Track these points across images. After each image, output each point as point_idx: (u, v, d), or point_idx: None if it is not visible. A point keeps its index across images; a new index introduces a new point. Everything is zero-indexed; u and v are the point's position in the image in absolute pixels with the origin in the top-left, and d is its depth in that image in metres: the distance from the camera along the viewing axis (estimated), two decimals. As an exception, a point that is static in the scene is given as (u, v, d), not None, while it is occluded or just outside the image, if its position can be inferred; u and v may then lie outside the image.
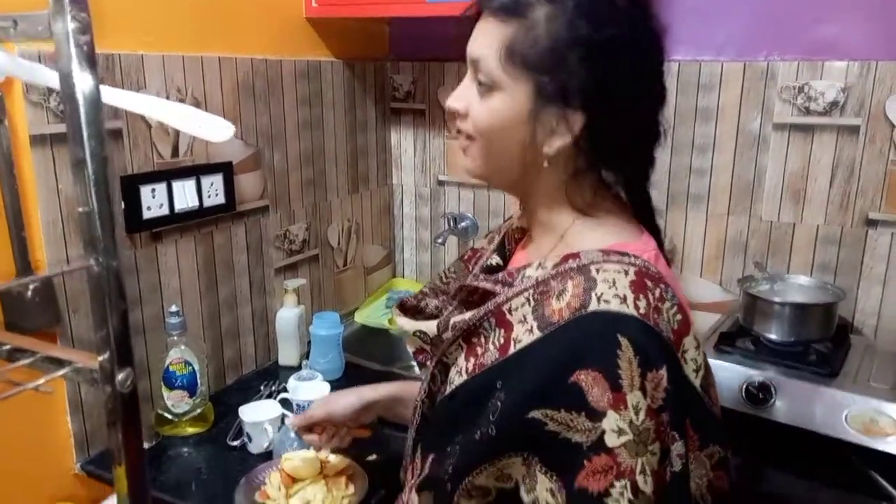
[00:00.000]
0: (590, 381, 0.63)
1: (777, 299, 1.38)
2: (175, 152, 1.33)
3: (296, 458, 1.14)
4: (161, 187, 1.29)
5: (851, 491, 1.15)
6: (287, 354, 1.59)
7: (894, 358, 1.37)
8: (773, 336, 1.36)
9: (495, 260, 0.91)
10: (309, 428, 1.06)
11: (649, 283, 0.69)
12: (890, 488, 1.15)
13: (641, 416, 0.64)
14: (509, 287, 0.75)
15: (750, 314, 1.40)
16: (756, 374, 1.28)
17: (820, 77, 1.45)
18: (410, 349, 0.92)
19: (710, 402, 0.74)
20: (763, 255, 1.58)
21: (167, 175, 1.30)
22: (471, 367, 0.75)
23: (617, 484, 0.62)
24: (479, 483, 0.70)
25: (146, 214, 1.27)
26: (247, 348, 1.56)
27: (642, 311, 0.67)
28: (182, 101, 1.33)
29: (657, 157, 0.80)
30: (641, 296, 0.67)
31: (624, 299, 0.67)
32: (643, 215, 0.83)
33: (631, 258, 0.72)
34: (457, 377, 0.77)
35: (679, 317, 0.71)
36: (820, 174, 1.49)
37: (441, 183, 1.95)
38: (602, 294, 0.67)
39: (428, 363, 0.86)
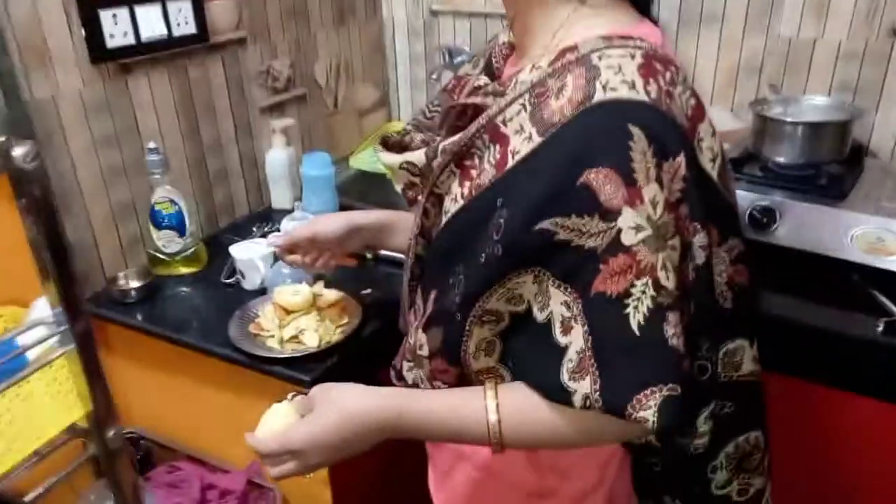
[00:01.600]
0: (601, 180, 0.58)
1: (788, 119, 1.30)
2: (135, -26, 1.21)
3: (288, 291, 1.14)
4: (123, 12, 1.19)
5: (850, 310, 1.14)
6: (280, 197, 1.55)
7: (910, 180, 1.31)
8: (782, 159, 1.29)
9: (482, 80, 0.82)
10: (292, 250, 1.02)
11: (659, 67, 0.62)
12: (890, 304, 1.14)
13: (659, 209, 0.59)
14: (500, 96, 0.68)
15: (760, 138, 1.33)
16: (761, 199, 1.23)
17: None
18: (398, 186, 0.83)
19: (728, 194, 0.70)
20: (780, 76, 1.47)
21: None
22: (466, 191, 0.69)
23: (637, 282, 0.58)
24: (490, 307, 0.66)
25: (110, 43, 1.18)
26: (237, 192, 1.52)
27: (654, 96, 0.59)
28: (135, -87, 1.19)
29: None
30: (651, 80, 0.60)
31: (632, 85, 0.59)
32: (641, 4, 0.73)
33: (636, 41, 0.64)
34: (452, 205, 0.71)
35: (693, 101, 0.64)
36: (848, -19, 1.35)
37: (434, 13, 1.80)
38: (608, 81, 0.59)
39: (419, 197, 0.79)
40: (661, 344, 0.59)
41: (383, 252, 1.34)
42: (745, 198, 1.24)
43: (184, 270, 1.30)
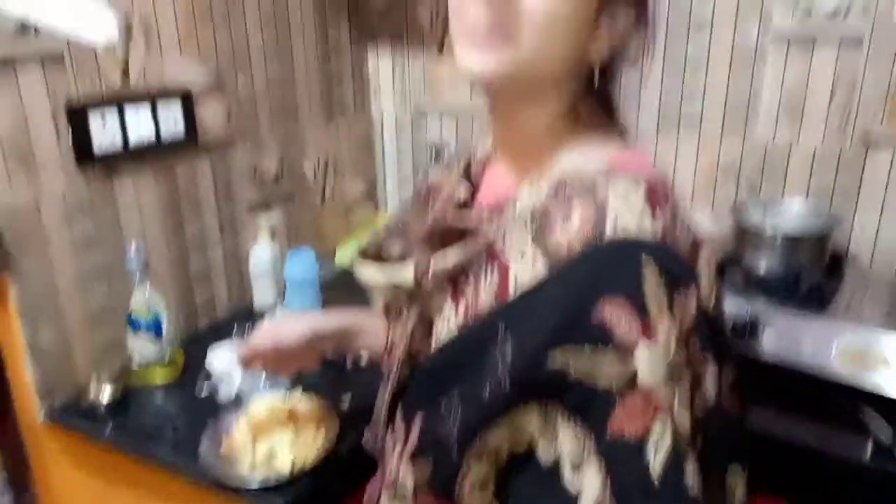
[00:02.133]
0: (615, 313, 0.56)
1: (768, 230, 1.31)
2: (125, 77, 1.23)
3: (263, 405, 1.11)
4: (112, 116, 1.20)
5: (838, 427, 1.11)
6: (262, 296, 1.53)
7: (889, 286, 1.32)
8: (763, 268, 1.30)
9: (463, 192, 0.82)
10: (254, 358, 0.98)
11: (661, 199, 0.61)
12: (879, 423, 1.12)
13: (674, 344, 0.57)
14: (499, 219, 0.67)
15: (740, 245, 1.34)
16: (743, 309, 1.23)
17: (824, -16, 1.34)
18: (379, 303, 0.81)
19: (722, 321, 0.67)
20: (757, 179, 1.50)
21: (118, 101, 1.21)
22: (461, 314, 0.67)
23: (656, 423, 0.56)
24: (491, 441, 0.63)
25: (97, 145, 1.19)
26: (219, 290, 1.50)
27: (661, 226, 0.59)
28: (129, 20, 1.22)
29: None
30: (657, 213, 0.60)
31: (641, 217, 0.59)
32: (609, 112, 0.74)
33: (636, 170, 0.64)
34: (444, 328, 0.69)
35: (687, 231, 0.64)
36: (820, 90, 1.40)
37: (422, 111, 1.84)
38: (617, 214, 0.59)
39: (404, 316, 0.76)
40: (681, 492, 0.57)
41: (364, 357, 1.32)
42: (728, 306, 1.24)
43: (158, 377, 1.27)
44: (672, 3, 1.47)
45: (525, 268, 0.62)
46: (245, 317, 1.49)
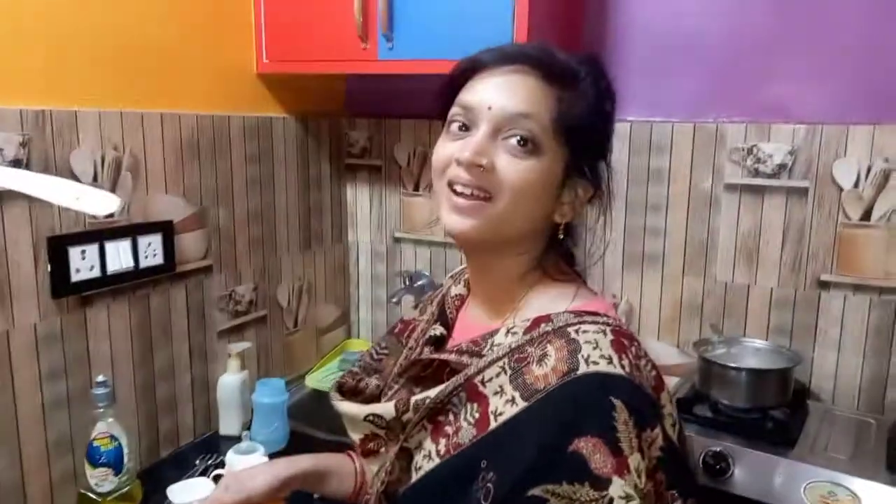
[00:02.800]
0: (590, 448, 0.61)
1: (733, 364, 1.35)
2: (110, 213, 1.27)
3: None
4: (92, 248, 1.23)
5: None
6: (228, 423, 1.50)
7: (852, 424, 1.35)
8: (729, 402, 1.33)
9: (439, 330, 0.86)
10: None
11: (626, 342, 0.69)
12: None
13: (643, 478, 0.62)
14: (477, 357, 0.72)
15: (706, 379, 1.37)
16: (713, 444, 1.24)
17: (768, 139, 1.47)
18: (356, 437, 0.82)
19: (685, 456, 0.73)
20: (719, 317, 1.56)
21: (100, 236, 1.24)
22: (443, 448, 0.71)
23: None
24: None
25: (75, 277, 1.20)
26: (185, 418, 1.47)
27: (628, 370, 0.66)
28: (119, 159, 1.28)
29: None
30: (623, 355, 0.67)
31: (609, 359, 0.66)
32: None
33: (603, 317, 0.71)
34: (425, 462, 0.72)
35: (654, 373, 0.70)
36: (772, 236, 1.49)
37: (397, 240, 1.91)
38: (588, 356, 0.65)
39: (382, 450, 0.79)
40: None
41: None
42: (698, 441, 1.25)
43: (116, 510, 1.21)
44: (632, 156, 1.58)
45: (503, 402, 0.67)
46: (210, 445, 1.45)
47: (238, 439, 1.36)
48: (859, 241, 1.41)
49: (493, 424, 0.67)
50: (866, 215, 1.40)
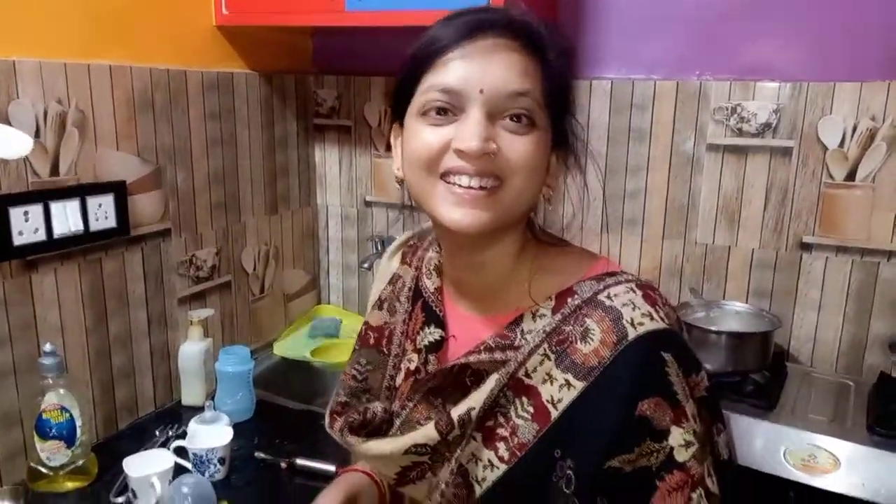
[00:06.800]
0: (653, 408, 0.63)
1: (712, 328, 1.32)
2: (55, 170, 1.18)
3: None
4: (36, 209, 1.14)
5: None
6: (191, 393, 1.44)
7: (831, 386, 1.33)
8: (709, 366, 1.30)
9: (438, 333, 0.78)
10: None
11: (652, 293, 0.69)
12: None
13: (697, 421, 0.64)
14: (512, 350, 0.69)
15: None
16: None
17: (752, 98, 1.41)
18: (390, 472, 0.76)
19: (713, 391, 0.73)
20: (699, 279, 1.52)
21: (44, 196, 1.15)
22: (505, 453, 0.68)
23: (693, 495, 0.62)
24: None
25: (18, 241, 1.12)
26: (144, 388, 1.40)
27: (667, 321, 0.66)
28: (64, 113, 1.18)
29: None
30: (657, 307, 0.67)
31: (651, 316, 0.66)
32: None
33: (621, 275, 0.71)
34: (488, 472, 0.69)
35: (675, 316, 0.70)
36: (754, 197, 1.45)
37: (368, 203, 1.84)
38: (632, 319, 0.65)
39: (428, 475, 0.73)
40: None
41: (299, 461, 1.23)
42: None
43: (69, 485, 1.15)
44: (613, 115, 1.53)
45: (557, 389, 0.66)
46: (171, 416, 1.39)
47: (201, 409, 1.30)
48: (843, 202, 1.38)
49: (554, 413, 0.66)
50: (850, 175, 1.36)
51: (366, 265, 1.72)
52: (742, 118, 1.43)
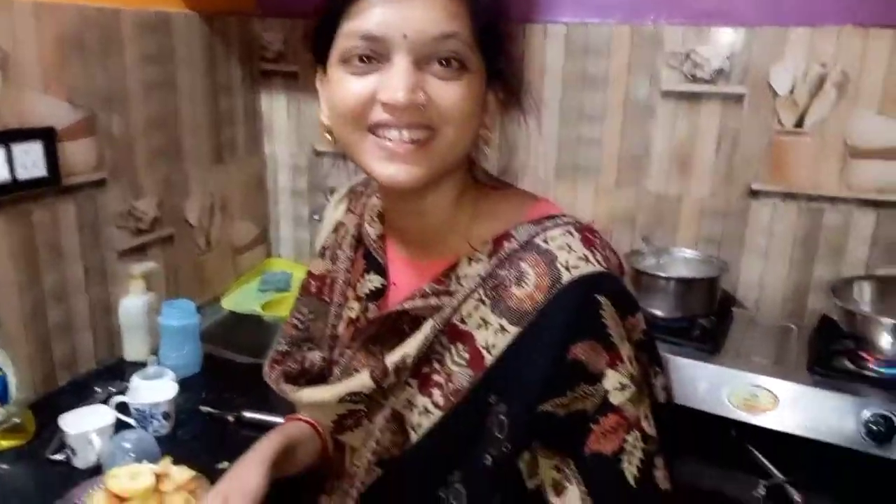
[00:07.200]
0: (587, 352, 0.62)
1: (661, 274, 1.33)
2: (-26, 114, 1.10)
3: (125, 474, 0.97)
4: (-46, 156, 1.07)
5: (732, 468, 1.12)
6: (134, 349, 1.39)
7: (775, 331, 1.36)
8: (658, 312, 1.31)
9: (378, 281, 0.77)
10: None
11: (591, 236, 0.67)
12: (767, 463, 1.13)
13: (634, 364, 0.64)
14: (447, 295, 0.68)
15: (636, 290, 1.35)
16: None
17: (706, 43, 1.40)
18: (327, 420, 0.76)
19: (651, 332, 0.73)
20: (651, 228, 1.53)
21: (-38, 141, 1.08)
22: (441, 399, 0.67)
23: (629, 437, 0.62)
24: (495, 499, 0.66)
25: (-66, 190, 1.05)
26: (83, 344, 1.35)
27: (604, 263, 0.65)
28: (-20, 51, 1.10)
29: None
30: (595, 249, 0.66)
31: (587, 259, 0.65)
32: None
33: (561, 218, 0.69)
34: (423, 418, 0.68)
35: (616, 259, 0.69)
36: (706, 145, 1.45)
37: (319, 153, 1.78)
38: (567, 261, 0.64)
39: (364, 422, 0.73)
40: (654, 491, 0.64)
41: (247, 414, 1.21)
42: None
43: (4, 444, 1.11)
44: (567, 60, 1.49)
45: (492, 333, 0.65)
46: (113, 372, 1.35)
47: (145, 365, 1.26)
48: (791, 149, 1.39)
49: (489, 359, 0.65)
50: (800, 122, 1.37)
51: (317, 216, 1.67)
52: (696, 64, 1.41)
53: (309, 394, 0.75)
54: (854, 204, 1.36)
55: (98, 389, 1.26)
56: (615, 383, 0.62)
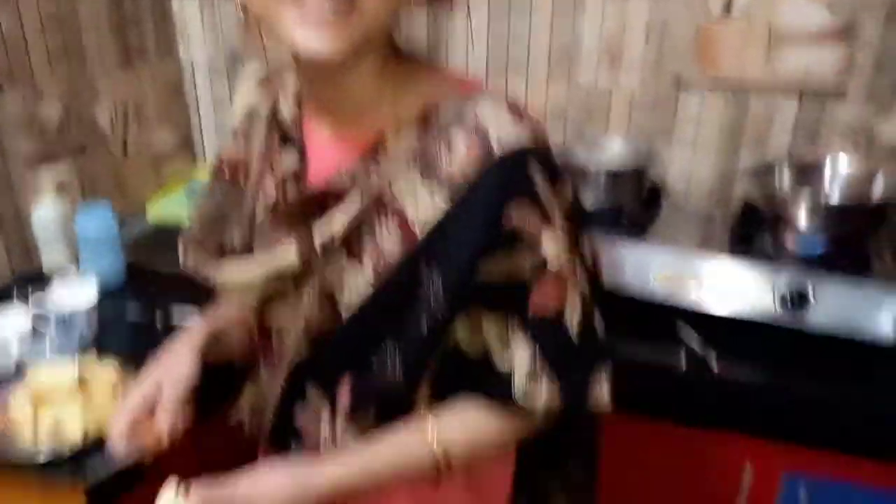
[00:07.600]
0: (521, 212, 0.62)
1: (592, 167, 1.33)
2: None
3: (46, 374, 0.95)
4: None
5: (657, 342, 1.16)
6: (52, 259, 1.32)
7: (701, 218, 1.40)
8: (589, 202, 1.32)
9: (295, 158, 0.73)
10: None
11: (517, 105, 0.67)
12: (690, 337, 1.18)
13: (567, 228, 0.66)
14: (375, 170, 0.66)
15: (567, 182, 1.35)
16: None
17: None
18: (253, 302, 0.73)
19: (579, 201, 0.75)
20: (583, 121, 1.52)
21: None
22: (371, 273, 0.66)
23: (568, 297, 0.65)
24: (434, 366, 0.68)
25: None
26: (-4, 256, 1.28)
27: (532, 129, 0.65)
28: None
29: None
30: (523, 117, 0.65)
31: (516, 130, 0.64)
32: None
33: (488, 92, 0.68)
34: (355, 295, 0.66)
35: (544, 131, 0.68)
36: (635, 36, 1.43)
37: (238, 56, 1.69)
38: (498, 133, 0.63)
39: (293, 300, 0.70)
40: (596, 342, 0.68)
41: (177, 321, 1.18)
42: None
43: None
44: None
45: (423, 206, 0.64)
46: (32, 281, 1.29)
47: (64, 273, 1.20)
48: (719, 37, 1.38)
49: (418, 230, 0.64)
50: (727, 8, 1.36)
51: (240, 122, 1.60)
52: (625, -53, 1.38)
53: (233, 270, 0.71)
54: (779, 91, 1.38)
55: (18, 295, 1.20)
56: (550, 243, 0.63)
